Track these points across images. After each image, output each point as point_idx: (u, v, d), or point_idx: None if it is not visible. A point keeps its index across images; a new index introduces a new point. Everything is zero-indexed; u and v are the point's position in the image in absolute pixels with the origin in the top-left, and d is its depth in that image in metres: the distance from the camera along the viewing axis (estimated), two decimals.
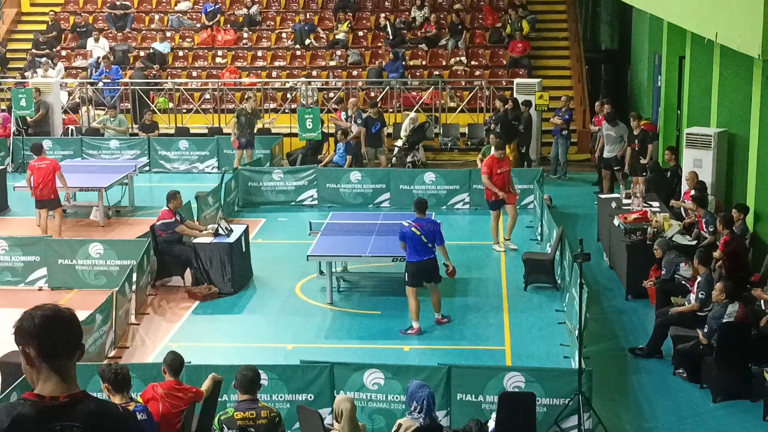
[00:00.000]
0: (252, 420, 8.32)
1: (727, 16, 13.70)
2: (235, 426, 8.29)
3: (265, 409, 8.47)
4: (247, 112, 22.24)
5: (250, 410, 8.38)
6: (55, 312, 3.67)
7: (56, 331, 3.65)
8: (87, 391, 3.72)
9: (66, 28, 30.03)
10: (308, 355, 12.26)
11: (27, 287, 15.59)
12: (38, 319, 3.64)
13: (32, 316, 3.66)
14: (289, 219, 19.84)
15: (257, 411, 8.39)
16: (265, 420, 8.35)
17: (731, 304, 11.73)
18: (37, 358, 3.65)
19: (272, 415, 8.43)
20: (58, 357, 3.66)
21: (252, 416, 8.34)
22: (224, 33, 29.39)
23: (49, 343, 3.64)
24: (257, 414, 8.36)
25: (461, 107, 25.97)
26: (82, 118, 26.17)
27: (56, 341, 3.65)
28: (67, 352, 3.68)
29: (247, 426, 8.29)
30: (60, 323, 3.66)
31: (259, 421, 8.33)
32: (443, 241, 13.82)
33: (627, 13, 29.12)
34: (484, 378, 10.76)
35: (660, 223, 15.30)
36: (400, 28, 28.87)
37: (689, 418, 11.27)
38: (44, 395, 3.63)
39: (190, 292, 15.28)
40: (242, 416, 8.34)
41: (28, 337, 3.65)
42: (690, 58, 19.27)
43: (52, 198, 17.81)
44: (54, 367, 3.66)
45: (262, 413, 8.39)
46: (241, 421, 8.30)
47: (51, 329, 3.64)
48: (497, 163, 17.31)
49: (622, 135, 20.28)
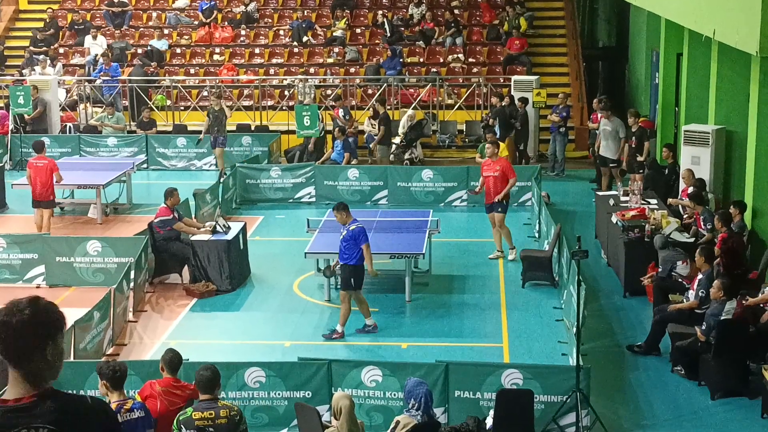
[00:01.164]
0: (211, 420, 8.23)
1: (724, 13, 13.70)
2: (193, 426, 8.20)
3: (224, 409, 8.36)
4: (213, 110, 22.11)
5: (209, 410, 8.30)
6: (6, 315, 3.54)
7: (7, 339, 3.54)
8: (58, 388, 3.62)
9: (64, 25, 30.01)
10: (306, 352, 12.27)
11: (25, 285, 15.57)
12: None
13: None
14: (286, 216, 19.84)
15: (216, 411, 8.30)
16: (225, 419, 8.26)
17: (729, 302, 11.74)
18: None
19: (232, 414, 8.33)
20: (16, 362, 3.55)
21: (211, 416, 8.25)
22: (222, 30, 29.38)
23: (2, 350, 3.55)
24: (216, 414, 8.27)
25: (459, 104, 25.98)
26: (79, 115, 26.17)
27: (8, 348, 3.55)
28: (26, 357, 3.55)
29: (205, 426, 8.20)
30: (9, 330, 3.52)
31: (218, 420, 8.24)
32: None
33: (625, 10, 29.14)
34: (482, 375, 10.76)
35: (658, 220, 15.30)
36: (397, 25, 28.87)
37: (687, 415, 11.28)
38: (8, 398, 3.55)
39: (188, 290, 15.27)
40: (200, 416, 8.25)
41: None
42: (688, 55, 19.27)
43: (48, 199, 17.82)
44: (18, 370, 3.58)
45: (222, 413, 8.29)
46: (199, 422, 8.22)
47: (2, 336, 3.53)
48: (486, 164, 16.85)
49: (617, 130, 20.27)
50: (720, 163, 17.23)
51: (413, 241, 15.45)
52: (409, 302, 14.87)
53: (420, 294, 15.21)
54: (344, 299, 13.41)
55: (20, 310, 3.55)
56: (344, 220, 13.36)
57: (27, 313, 3.55)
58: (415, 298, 14.97)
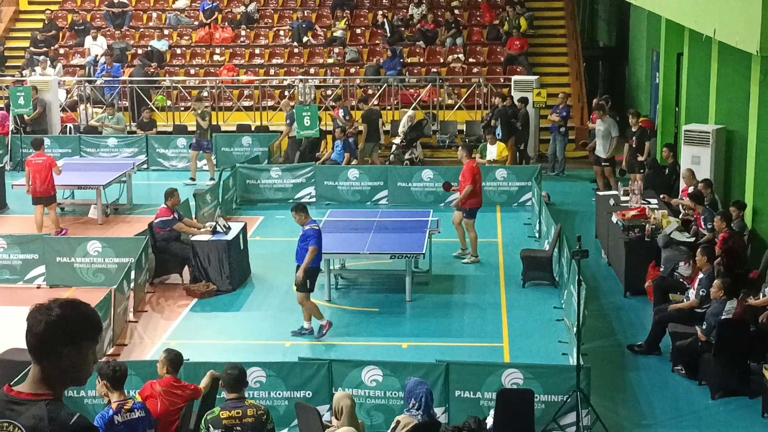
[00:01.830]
0: (238, 419, 8.26)
1: (724, 12, 13.70)
2: (220, 425, 8.23)
3: (252, 408, 8.39)
4: (196, 113, 22.13)
5: (236, 409, 8.33)
6: (38, 310, 3.68)
7: (29, 333, 3.68)
8: (61, 395, 3.73)
9: (64, 26, 30.02)
10: (306, 352, 12.28)
11: (25, 285, 15.58)
12: (27, 322, 3.70)
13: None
14: (287, 216, 19.76)
15: (243, 409, 8.33)
16: (252, 418, 8.29)
17: (730, 301, 11.74)
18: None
19: (259, 413, 8.36)
20: (33, 358, 3.70)
21: (238, 415, 8.28)
22: (222, 31, 29.38)
23: (27, 342, 3.72)
24: (243, 412, 8.30)
25: (459, 104, 25.98)
26: (80, 116, 26.17)
27: (29, 343, 3.70)
28: (41, 355, 3.68)
29: (233, 425, 8.23)
30: (35, 326, 3.66)
31: (245, 419, 8.27)
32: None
33: (625, 10, 29.14)
34: (483, 375, 10.76)
35: (658, 220, 15.30)
36: (397, 25, 28.87)
37: (687, 414, 11.28)
38: (13, 389, 3.69)
39: (189, 290, 15.27)
40: (228, 415, 8.28)
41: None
42: (688, 54, 19.26)
43: (48, 195, 17.91)
44: (34, 366, 3.71)
45: (249, 411, 8.32)
46: (227, 420, 8.24)
47: (27, 335, 3.69)
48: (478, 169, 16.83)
49: (609, 129, 20.26)
50: (720, 162, 17.22)
51: (413, 241, 15.44)
52: (410, 302, 14.86)
53: (420, 294, 15.21)
54: (302, 301, 13.32)
55: (50, 309, 3.67)
56: (302, 221, 13.25)
57: (54, 314, 3.65)
58: (416, 298, 14.97)
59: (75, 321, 3.69)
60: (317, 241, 13.10)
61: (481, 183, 17.20)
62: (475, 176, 16.55)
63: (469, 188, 16.40)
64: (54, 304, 3.68)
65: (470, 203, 16.52)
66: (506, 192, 20.47)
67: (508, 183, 20.51)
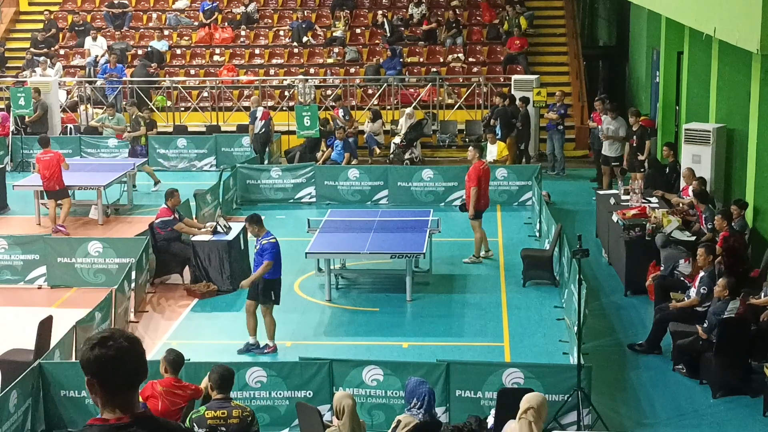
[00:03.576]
0: (223, 419, 8.26)
1: (725, 11, 13.69)
2: (205, 425, 8.22)
3: (237, 409, 8.39)
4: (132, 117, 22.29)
5: (221, 409, 8.32)
6: (117, 351, 3.68)
7: (114, 371, 3.68)
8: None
9: (64, 27, 30.01)
10: (307, 352, 12.27)
11: (26, 286, 15.59)
12: (97, 357, 3.68)
13: (91, 352, 3.70)
14: (287, 216, 19.82)
15: (229, 410, 8.32)
16: (237, 419, 8.28)
17: (732, 301, 11.73)
18: (99, 391, 3.72)
19: (244, 415, 8.35)
20: (117, 393, 3.71)
21: (223, 415, 8.28)
22: (222, 31, 29.38)
23: (108, 380, 3.69)
24: (228, 413, 8.29)
25: (459, 104, 25.98)
26: (80, 116, 26.16)
27: (116, 379, 3.69)
28: (127, 387, 3.72)
29: (217, 425, 8.22)
30: (118, 363, 3.68)
31: (230, 420, 8.27)
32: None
33: (625, 9, 29.10)
34: (483, 374, 10.76)
35: (659, 219, 15.29)
36: (397, 25, 28.86)
37: (689, 413, 11.27)
38: (108, 419, 3.70)
39: (189, 290, 15.28)
40: (213, 415, 8.27)
41: (88, 371, 3.71)
42: (688, 53, 19.26)
43: (58, 189, 18.28)
44: (116, 397, 3.72)
45: (234, 412, 8.31)
46: (211, 420, 8.24)
47: (108, 368, 3.68)
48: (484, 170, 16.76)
49: (619, 130, 20.27)
50: (721, 161, 17.21)
51: (414, 240, 15.44)
52: (410, 302, 14.87)
53: (421, 293, 15.21)
54: (265, 313, 13.03)
55: (119, 347, 3.73)
56: (256, 233, 13.07)
57: (125, 347, 3.74)
58: (416, 298, 14.97)
59: (135, 355, 3.80)
60: (274, 255, 12.86)
61: (488, 185, 17.17)
62: (481, 178, 16.54)
63: (474, 191, 16.40)
64: (116, 344, 3.74)
65: (476, 204, 16.49)
66: (506, 191, 20.47)
67: (508, 182, 20.52)
